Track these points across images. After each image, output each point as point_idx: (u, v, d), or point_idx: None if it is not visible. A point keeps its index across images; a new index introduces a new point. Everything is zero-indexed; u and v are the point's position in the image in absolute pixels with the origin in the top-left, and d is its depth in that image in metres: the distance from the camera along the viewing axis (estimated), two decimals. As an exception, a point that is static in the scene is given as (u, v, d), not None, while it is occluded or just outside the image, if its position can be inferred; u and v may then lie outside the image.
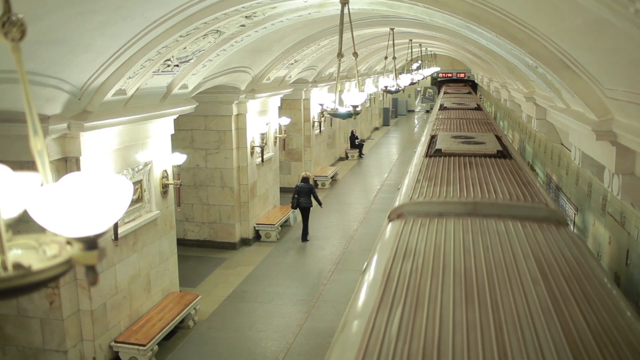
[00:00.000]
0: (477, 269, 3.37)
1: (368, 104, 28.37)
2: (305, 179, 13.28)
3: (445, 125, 11.02)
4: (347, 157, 23.94)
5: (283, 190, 16.40)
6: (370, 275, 3.59)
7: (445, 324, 2.69)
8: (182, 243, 11.14)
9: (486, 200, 4.94)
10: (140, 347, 7.52)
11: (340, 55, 6.61)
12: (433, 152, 7.42)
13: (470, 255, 3.60)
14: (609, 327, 2.72)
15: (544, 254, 3.62)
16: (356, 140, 24.43)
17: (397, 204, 5.17)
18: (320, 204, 13.36)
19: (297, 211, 13.39)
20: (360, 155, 24.38)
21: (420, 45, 20.80)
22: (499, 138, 8.77)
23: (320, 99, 17.28)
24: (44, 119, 6.10)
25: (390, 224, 4.60)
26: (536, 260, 3.50)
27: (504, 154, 7.29)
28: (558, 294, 3.02)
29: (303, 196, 13.01)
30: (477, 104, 16.53)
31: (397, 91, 15.37)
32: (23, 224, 1.29)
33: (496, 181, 5.65)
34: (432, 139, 8.86)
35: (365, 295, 3.25)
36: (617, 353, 2.49)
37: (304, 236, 13.21)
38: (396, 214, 4.80)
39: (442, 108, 15.19)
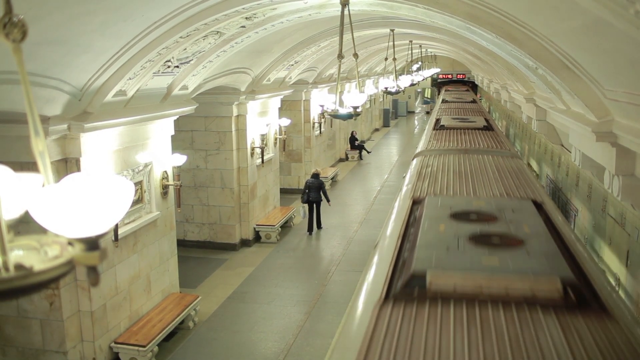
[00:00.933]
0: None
1: (368, 105, 28.37)
2: (315, 175, 13.93)
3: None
4: (347, 158, 23.93)
5: (283, 191, 16.42)
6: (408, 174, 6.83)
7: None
8: (182, 244, 11.14)
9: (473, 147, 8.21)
10: (140, 348, 7.52)
11: (340, 56, 6.61)
12: (439, 127, 10.64)
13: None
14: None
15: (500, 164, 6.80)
16: (356, 142, 24.38)
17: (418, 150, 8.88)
18: (328, 200, 13.99)
19: (306, 206, 13.89)
20: (361, 157, 24.29)
21: (420, 46, 20.81)
22: (486, 120, 12.00)
23: (321, 100, 17.28)
24: (45, 120, 6.10)
25: (415, 158, 7.86)
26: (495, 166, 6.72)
27: (487, 127, 10.58)
28: (502, 171, 6.49)
29: (313, 191, 13.68)
30: (472, 99, 20.23)
31: (397, 92, 15.36)
32: (24, 225, 1.29)
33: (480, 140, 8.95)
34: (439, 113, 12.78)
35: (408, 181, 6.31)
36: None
37: (318, 225, 13.98)
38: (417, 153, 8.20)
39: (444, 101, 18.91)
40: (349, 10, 6.33)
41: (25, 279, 1.13)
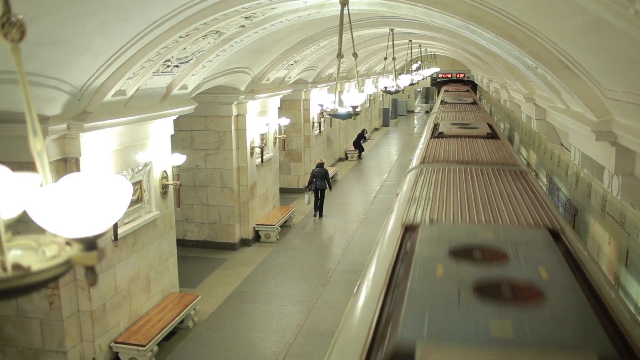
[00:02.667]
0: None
1: (368, 105, 28.36)
2: (320, 165, 15.21)
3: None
4: (346, 158, 23.93)
5: (283, 190, 16.42)
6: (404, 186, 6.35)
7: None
8: (181, 243, 11.14)
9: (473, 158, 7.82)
10: (140, 348, 7.52)
11: (340, 55, 6.60)
12: (437, 134, 10.08)
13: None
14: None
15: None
16: (362, 140, 24.13)
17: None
18: (330, 187, 15.35)
19: (312, 193, 15.10)
20: (360, 156, 24.27)
21: (420, 45, 20.81)
22: (490, 125, 11.20)
23: (320, 99, 17.27)
24: (44, 120, 6.09)
25: (409, 174, 7.24)
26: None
27: (492, 135, 9.95)
28: (510, 190, 5.88)
29: (319, 179, 15.00)
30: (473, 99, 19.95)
31: (396, 92, 15.37)
32: (22, 225, 1.29)
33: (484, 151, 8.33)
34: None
35: (404, 193, 5.85)
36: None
37: (320, 212, 15.27)
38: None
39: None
40: (348, 9, 6.32)
41: (23, 279, 1.13)
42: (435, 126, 11.16)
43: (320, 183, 15.06)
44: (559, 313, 2.72)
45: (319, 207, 15.27)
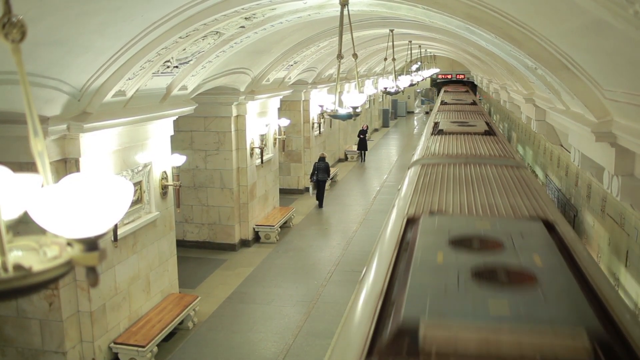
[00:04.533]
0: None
1: (367, 105, 28.36)
2: (322, 158, 16.45)
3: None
4: (346, 159, 23.92)
5: (282, 191, 16.42)
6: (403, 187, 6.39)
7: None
8: (181, 244, 11.13)
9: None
10: (140, 348, 7.52)
11: (339, 56, 6.60)
12: (437, 132, 10.25)
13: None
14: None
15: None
16: (361, 136, 23.70)
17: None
18: (330, 179, 16.99)
19: (314, 184, 16.57)
20: (362, 159, 24.07)
21: (419, 46, 20.81)
22: (487, 123, 11.44)
23: (320, 100, 17.22)
24: (44, 120, 6.09)
25: (411, 168, 7.45)
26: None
27: (489, 132, 10.14)
28: (506, 183, 5.99)
29: (321, 172, 16.13)
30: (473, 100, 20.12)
31: (396, 92, 15.36)
32: (23, 225, 1.29)
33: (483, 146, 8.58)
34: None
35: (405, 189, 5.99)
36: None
37: (320, 203, 16.41)
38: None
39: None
40: (348, 10, 6.32)
41: (24, 280, 1.13)
42: (436, 124, 11.40)
43: (322, 175, 16.15)
44: (551, 294, 2.94)
45: (319, 198, 16.42)
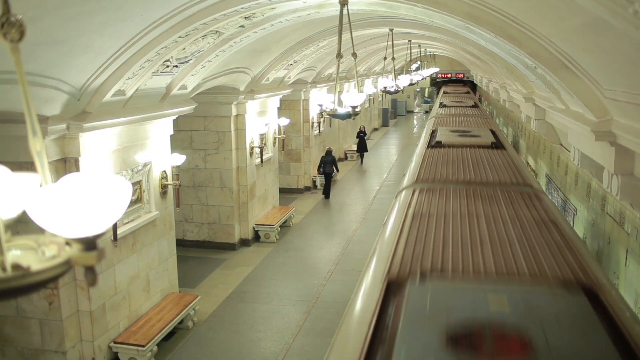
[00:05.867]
0: None
1: (367, 105, 28.37)
2: (328, 152, 17.48)
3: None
4: (346, 158, 23.91)
5: (282, 190, 16.42)
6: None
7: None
8: (181, 244, 11.14)
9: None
10: (140, 348, 7.52)
11: (339, 55, 6.60)
12: (434, 144, 8.84)
13: None
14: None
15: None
16: (360, 135, 23.35)
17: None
18: (337, 170, 17.93)
19: (321, 177, 17.46)
20: (361, 161, 23.95)
21: (419, 45, 20.82)
22: (494, 133, 9.96)
23: (320, 99, 17.21)
24: (43, 120, 6.09)
25: (400, 194, 6.05)
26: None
27: (496, 144, 8.65)
28: (525, 222, 4.46)
29: (327, 165, 17.14)
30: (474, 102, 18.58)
31: (396, 92, 15.37)
32: (22, 225, 1.29)
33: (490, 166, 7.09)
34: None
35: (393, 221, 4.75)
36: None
37: (327, 195, 17.27)
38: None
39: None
40: (347, 9, 6.32)
41: (23, 279, 1.13)
42: (433, 133, 9.93)
43: (329, 168, 17.15)
44: None
45: (326, 190, 17.24)
